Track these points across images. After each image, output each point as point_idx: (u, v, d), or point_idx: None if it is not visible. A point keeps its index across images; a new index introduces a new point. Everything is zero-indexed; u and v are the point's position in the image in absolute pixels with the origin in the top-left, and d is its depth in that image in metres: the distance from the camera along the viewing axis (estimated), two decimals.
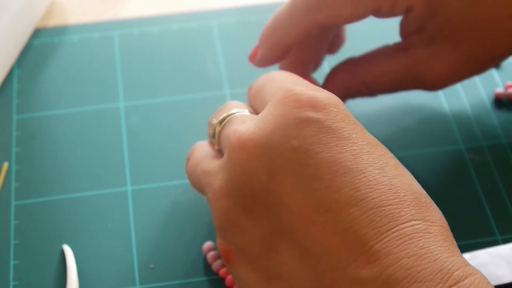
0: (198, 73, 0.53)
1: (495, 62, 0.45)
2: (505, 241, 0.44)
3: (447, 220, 0.45)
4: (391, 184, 0.32)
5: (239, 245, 0.35)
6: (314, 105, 0.33)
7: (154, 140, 0.49)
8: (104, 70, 0.53)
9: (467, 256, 0.41)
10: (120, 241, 0.44)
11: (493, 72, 0.52)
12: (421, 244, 0.31)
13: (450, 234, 0.33)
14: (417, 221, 0.31)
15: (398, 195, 0.32)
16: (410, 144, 0.49)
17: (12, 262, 0.44)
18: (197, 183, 0.39)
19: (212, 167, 0.37)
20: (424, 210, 0.32)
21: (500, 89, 0.51)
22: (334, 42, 0.49)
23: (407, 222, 0.31)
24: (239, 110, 0.38)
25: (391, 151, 0.50)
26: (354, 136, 0.33)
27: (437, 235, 0.32)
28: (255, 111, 0.39)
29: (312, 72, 0.48)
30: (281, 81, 0.36)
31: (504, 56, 0.45)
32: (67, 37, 0.55)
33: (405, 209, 0.32)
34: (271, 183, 0.33)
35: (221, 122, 0.38)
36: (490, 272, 0.41)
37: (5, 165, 0.48)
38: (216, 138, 0.38)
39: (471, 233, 0.45)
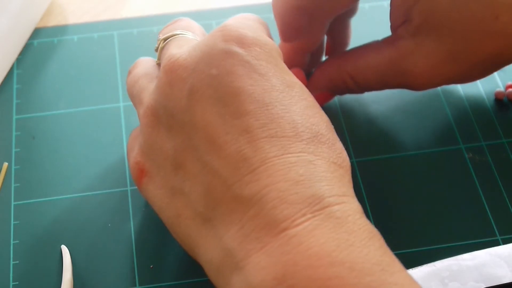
0: None
1: (480, 68, 0.45)
2: (505, 241, 0.44)
3: (446, 220, 0.45)
4: (292, 119, 0.35)
5: (156, 161, 0.38)
6: (240, 41, 0.37)
7: None
8: (104, 70, 0.53)
9: (467, 256, 0.41)
10: (120, 241, 0.44)
11: None
12: (301, 172, 0.33)
13: (341, 171, 0.35)
14: (305, 153, 0.34)
15: (295, 130, 0.34)
16: (410, 144, 0.49)
17: (12, 262, 0.44)
18: (134, 97, 0.42)
19: (149, 86, 0.40)
20: (318, 147, 0.34)
21: (500, 89, 0.51)
22: (336, 43, 0.50)
23: (295, 153, 0.34)
24: (182, 32, 0.41)
25: (391, 151, 0.50)
26: (270, 74, 0.36)
27: (322, 167, 0.34)
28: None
29: (309, 64, 0.49)
30: (234, 19, 0.39)
31: (488, 64, 0.45)
32: (67, 37, 0.55)
33: (297, 143, 0.34)
34: (188, 104, 0.36)
35: (165, 39, 0.41)
36: (490, 272, 0.41)
37: (5, 165, 0.48)
38: (158, 53, 0.42)
39: (471, 233, 0.45)
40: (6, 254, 0.44)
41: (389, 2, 0.45)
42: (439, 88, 0.52)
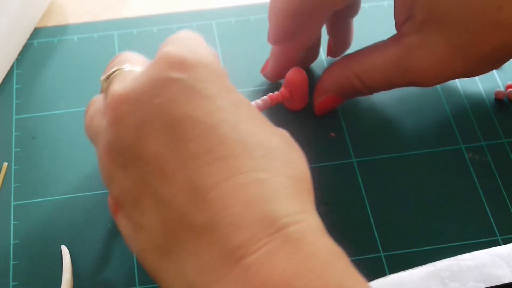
0: None
1: (486, 60, 0.45)
2: (505, 241, 0.44)
3: (446, 220, 0.45)
4: (241, 139, 0.33)
5: (120, 199, 0.37)
6: (181, 65, 0.35)
7: None
8: (104, 69, 0.53)
9: (467, 256, 0.41)
10: (120, 241, 0.44)
11: (493, 72, 0.52)
12: (253, 193, 0.31)
13: (299, 185, 0.33)
14: (258, 171, 0.32)
15: (245, 149, 0.33)
16: (410, 144, 0.49)
17: (12, 262, 0.44)
18: (91, 139, 0.41)
19: (100, 125, 0.39)
20: (271, 162, 0.33)
21: (500, 89, 0.51)
22: (338, 43, 0.50)
23: (246, 172, 0.32)
24: (122, 67, 0.39)
25: (391, 150, 0.50)
26: (215, 95, 0.35)
27: (276, 184, 0.32)
28: None
29: (305, 60, 0.50)
30: (174, 42, 0.38)
31: (494, 56, 0.44)
32: (67, 37, 0.55)
33: (248, 161, 0.33)
34: (135, 138, 0.35)
35: (107, 78, 0.39)
36: (490, 272, 0.41)
37: (5, 165, 0.48)
38: (104, 94, 0.39)
39: (471, 233, 0.45)
40: (6, 254, 0.44)
41: (389, 1, 0.45)
42: (439, 87, 0.52)
